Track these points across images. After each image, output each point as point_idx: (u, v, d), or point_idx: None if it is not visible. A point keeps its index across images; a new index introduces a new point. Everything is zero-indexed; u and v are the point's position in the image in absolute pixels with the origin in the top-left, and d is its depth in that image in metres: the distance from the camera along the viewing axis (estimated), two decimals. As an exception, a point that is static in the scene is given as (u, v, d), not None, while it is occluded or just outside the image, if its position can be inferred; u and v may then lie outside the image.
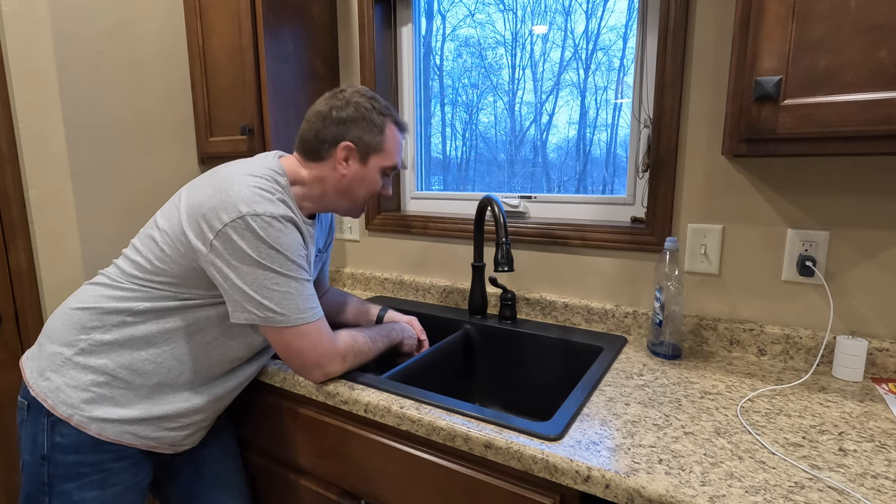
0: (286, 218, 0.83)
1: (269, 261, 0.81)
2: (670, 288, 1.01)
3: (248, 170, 0.87)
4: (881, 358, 0.94)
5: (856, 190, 0.94)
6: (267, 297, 0.82)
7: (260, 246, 0.80)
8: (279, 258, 0.82)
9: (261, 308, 0.82)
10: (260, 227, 0.80)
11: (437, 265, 1.48)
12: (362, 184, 0.96)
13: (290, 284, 0.83)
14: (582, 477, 0.67)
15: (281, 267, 0.82)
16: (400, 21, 1.54)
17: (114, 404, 0.86)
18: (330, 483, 0.98)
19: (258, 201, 0.81)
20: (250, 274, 0.81)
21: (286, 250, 0.82)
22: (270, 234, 0.81)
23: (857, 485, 0.63)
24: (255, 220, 0.80)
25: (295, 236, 0.85)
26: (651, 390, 0.89)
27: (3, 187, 1.30)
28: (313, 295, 0.88)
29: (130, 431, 0.87)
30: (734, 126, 0.80)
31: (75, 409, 0.84)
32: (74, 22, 1.30)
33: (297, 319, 0.84)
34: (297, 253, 0.85)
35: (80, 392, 0.84)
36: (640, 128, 1.19)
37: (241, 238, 0.79)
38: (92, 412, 0.84)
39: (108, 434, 0.85)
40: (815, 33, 0.70)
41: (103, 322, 0.86)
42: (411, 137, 1.59)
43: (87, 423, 0.84)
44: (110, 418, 0.85)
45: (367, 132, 0.94)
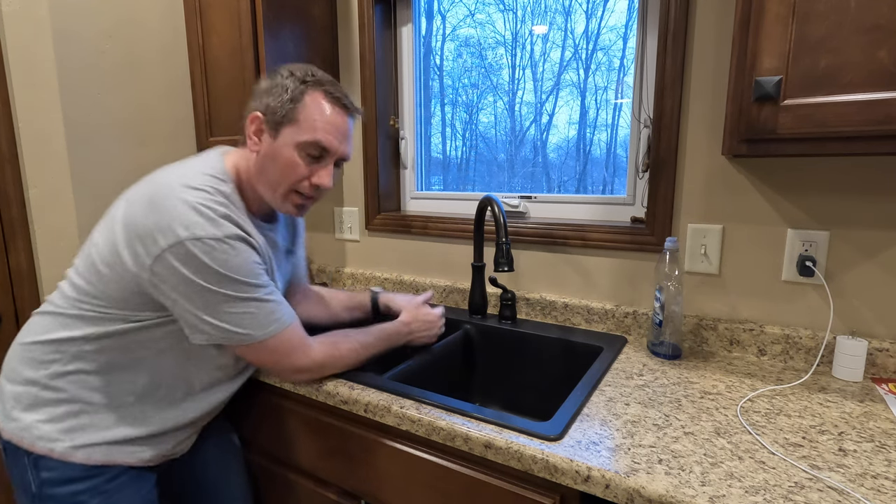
0: (233, 237, 0.75)
1: (219, 286, 0.74)
2: (670, 288, 1.01)
3: (186, 180, 0.77)
4: (881, 358, 0.94)
5: (856, 190, 0.94)
6: (224, 321, 0.76)
7: (206, 273, 0.73)
8: (230, 283, 0.74)
9: (219, 329, 0.77)
10: (203, 253, 0.72)
11: (437, 265, 1.48)
12: (275, 163, 0.82)
13: (247, 305, 0.77)
14: (582, 477, 0.67)
15: (235, 291, 0.75)
16: (400, 21, 1.54)
17: (95, 429, 0.81)
18: (330, 483, 0.98)
19: (198, 223, 0.72)
20: (201, 299, 0.74)
21: (237, 273, 0.75)
22: (217, 258, 0.73)
23: (857, 485, 0.63)
24: (197, 244, 0.71)
25: (247, 255, 0.77)
26: (651, 390, 0.89)
27: (3, 187, 1.30)
28: (279, 303, 0.81)
29: (119, 451, 0.83)
30: (734, 126, 0.80)
31: (55, 442, 0.79)
32: (74, 22, 1.30)
33: (263, 335, 0.79)
34: (252, 272, 0.77)
35: (56, 424, 0.79)
36: (640, 128, 1.19)
37: (183, 265, 0.72)
38: (74, 440, 0.79)
39: (97, 458, 0.81)
40: (815, 33, 0.70)
41: (61, 353, 0.80)
42: (411, 137, 1.59)
43: (72, 452, 0.79)
44: (95, 442, 0.81)
45: (277, 99, 0.81)
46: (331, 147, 0.83)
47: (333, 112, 0.83)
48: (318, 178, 0.84)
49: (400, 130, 1.59)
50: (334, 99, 0.83)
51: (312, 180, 0.84)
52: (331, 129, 0.82)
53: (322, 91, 0.82)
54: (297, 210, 0.87)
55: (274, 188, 0.83)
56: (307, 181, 0.84)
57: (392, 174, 1.60)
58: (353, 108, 0.87)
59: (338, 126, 0.83)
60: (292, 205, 0.86)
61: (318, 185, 0.84)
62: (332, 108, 0.83)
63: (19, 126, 1.29)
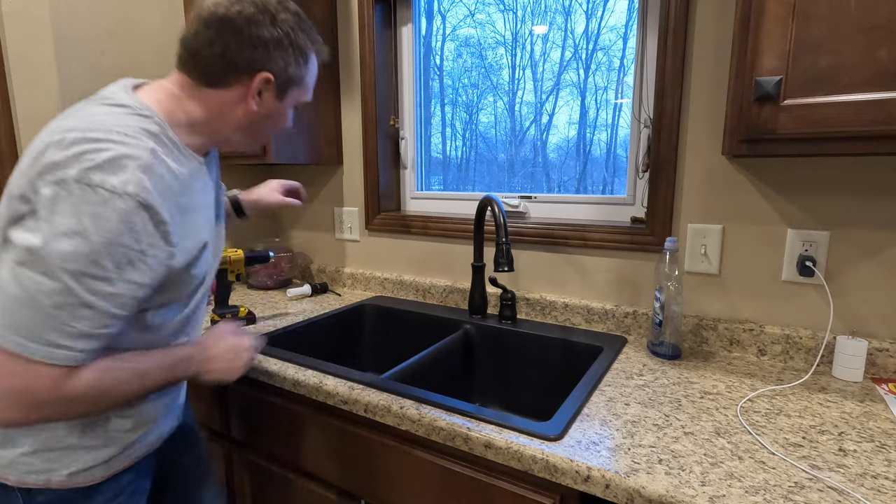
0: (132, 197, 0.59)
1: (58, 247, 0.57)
2: (670, 288, 1.01)
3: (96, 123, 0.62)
4: (881, 358, 0.94)
5: (856, 190, 0.94)
6: (16, 292, 0.59)
7: (62, 224, 0.58)
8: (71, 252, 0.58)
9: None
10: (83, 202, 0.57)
11: (437, 265, 1.48)
12: (272, 120, 0.79)
13: (53, 297, 0.59)
14: (582, 477, 0.67)
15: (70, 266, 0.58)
16: (400, 21, 1.54)
17: (86, 449, 0.72)
18: (330, 483, 0.98)
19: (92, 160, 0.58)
20: (26, 252, 0.59)
21: (102, 244, 0.59)
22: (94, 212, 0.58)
23: (857, 485, 0.63)
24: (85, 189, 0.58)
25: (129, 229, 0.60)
26: (651, 390, 0.89)
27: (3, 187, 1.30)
28: (80, 332, 0.60)
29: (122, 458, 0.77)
30: (734, 126, 0.80)
31: (49, 473, 0.70)
32: (75, 22, 1.30)
33: (20, 345, 0.58)
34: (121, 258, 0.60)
35: (43, 454, 0.70)
36: (640, 128, 1.19)
37: (52, 202, 0.58)
38: (71, 467, 0.71)
39: (99, 475, 0.74)
40: (816, 33, 0.70)
41: None
42: (411, 137, 1.59)
43: (73, 478, 0.72)
44: (97, 464, 0.73)
45: (294, 63, 0.75)
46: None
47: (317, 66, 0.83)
48: (289, 121, 0.83)
49: (400, 130, 1.59)
50: (322, 55, 0.82)
51: (285, 128, 0.85)
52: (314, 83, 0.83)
53: (317, 50, 0.80)
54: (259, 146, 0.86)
55: (258, 139, 0.81)
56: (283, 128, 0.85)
57: (392, 174, 1.60)
58: (325, 56, 0.86)
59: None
60: (259, 145, 0.87)
61: (288, 130, 0.86)
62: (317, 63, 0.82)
63: (19, 126, 1.29)
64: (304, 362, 1.01)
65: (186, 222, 0.69)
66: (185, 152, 0.71)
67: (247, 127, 0.77)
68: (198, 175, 0.74)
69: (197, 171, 0.74)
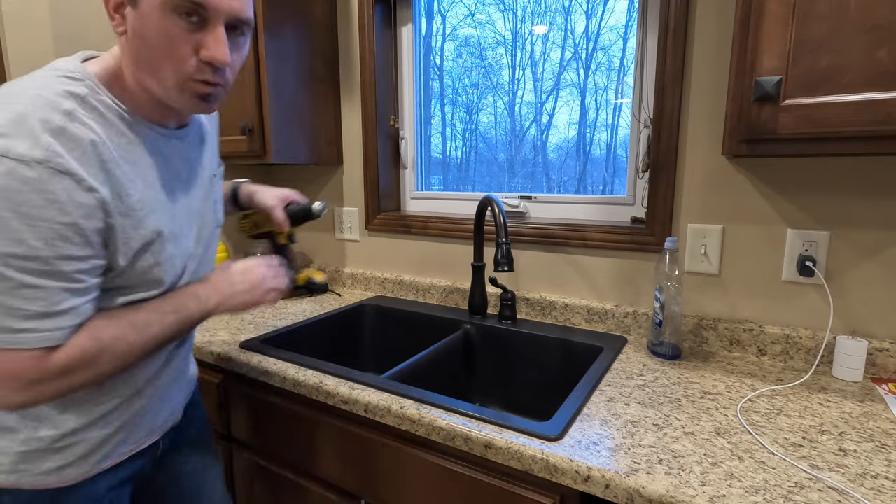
0: (51, 164, 0.54)
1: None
2: (670, 288, 1.01)
3: (12, 85, 0.58)
4: (881, 358, 0.94)
5: (856, 190, 0.94)
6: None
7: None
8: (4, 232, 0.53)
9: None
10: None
11: (437, 265, 1.48)
12: (146, 41, 0.60)
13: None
14: (582, 477, 0.67)
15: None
16: (400, 21, 1.54)
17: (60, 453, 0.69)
18: (330, 483, 0.98)
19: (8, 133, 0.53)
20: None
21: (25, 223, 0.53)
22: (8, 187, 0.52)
23: (857, 485, 0.63)
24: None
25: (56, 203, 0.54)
26: (651, 390, 0.89)
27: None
28: (29, 311, 0.56)
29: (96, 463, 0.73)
30: (734, 126, 0.80)
31: (21, 473, 0.67)
32: (74, 22, 1.30)
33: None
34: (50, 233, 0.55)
35: (14, 454, 0.67)
36: (640, 128, 1.19)
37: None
38: (42, 466, 0.68)
39: (71, 477, 0.70)
40: (816, 33, 0.70)
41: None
42: (411, 137, 1.59)
43: (44, 478, 0.68)
44: (69, 462, 0.70)
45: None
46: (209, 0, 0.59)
47: None
48: (207, 49, 0.60)
49: (400, 130, 1.59)
50: None
51: (201, 55, 0.60)
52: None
53: None
54: (202, 101, 0.64)
55: (159, 78, 0.61)
56: (195, 58, 0.61)
57: (392, 174, 1.60)
58: None
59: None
60: (192, 95, 0.63)
61: (210, 59, 0.60)
62: None
63: (19, 126, 1.29)
64: (304, 362, 1.01)
65: (129, 197, 0.61)
66: (130, 119, 0.63)
67: (138, 62, 0.62)
68: (155, 147, 0.66)
69: (152, 141, 0.66)
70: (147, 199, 0.65)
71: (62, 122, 0.55)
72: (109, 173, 0.59)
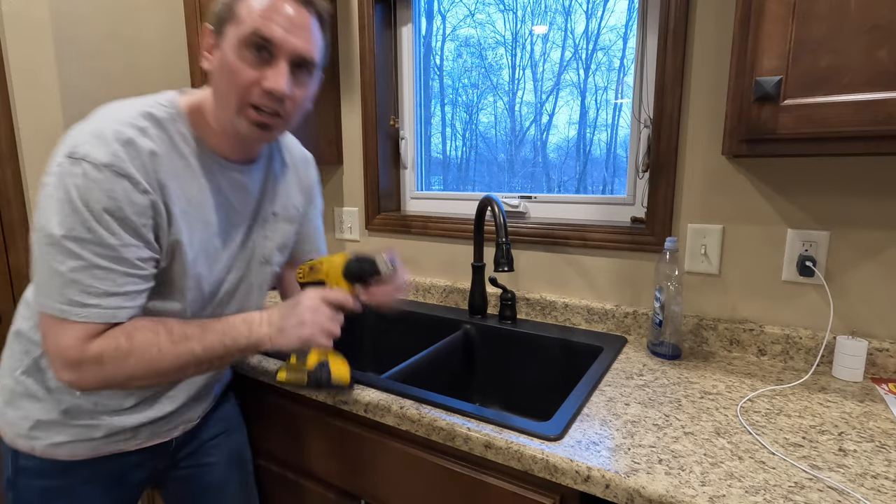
0: (111, 167, 0.63)
1: (61, 218, 0.63)
2: (670, 288, 1.01)
3: (121, 103, 0.70)
4: (881, 358, 0.94)
5: (856, 190, 0.94)
6: (39, 267, 0.64)
7: (62, 199, 0.63)
8: (74, 219, 0.62)
9: (34, 281, 0.66)
10: (71, 175, 0.62)
11: (437, 265, 1.48)
12: (222, 72, 0.69)
13: (70, 258, 0.63)
14: (582, 477, 0.67)
15: (71, 233, 0.62)
16: (400, 21, 1.54)
17: (75, 429, 0.77)
18: (330, 483, 0.98)
19: (88, 140, 0.63)
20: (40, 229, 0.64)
21: (91, 209, 0.63)
22: (79, 185, 0.62)
23: (857, 485, 0.63)
24: (76, 164, 0.63)
25: (115, 195, 0.63)
26: (651, 390, 0.89)
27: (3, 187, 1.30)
28: (97, 289, 0.64)
29: (108, 444, 0.80)
30: (734, 126, 0.80)
31: (35, 440, 0.77)
32: (75, 23, 1.30)
33: (54, 309, 0.64)
34: (113, 221, 0.64)
35: (33, 421, 0.77)
36: (640, 128, 1.19)
37: (55, 181, 0.64)
38: (54, 438, 0.77)
39: (80, 452, 0.79)
40: (816, 33, 0.70)
41: (33, 345, 0.77)
42: (411, 137, 1.59)
43: (54, 450, 0.77)
44: (79, 439, 0.78)
45: (219, 2, 0.70)
46: (274, 36, 0.66)
47: (281, 1, 0.68)
48: (267, 80, 0.67)
49: (400, 130, 1.59)
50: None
51: (263, 84, 0.68)
52: (274, 16, 0.67)
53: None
54: (257, 128, 0.70)
55: (226, 104, 0.69)
56: (257, 87, 0.68)
57: (392, 174, 1.60)
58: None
59: (285, 14, 0.67)
60: (248, 121, 0.70)
61: (270, 89, 0.67)
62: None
63: (19, 126, 1.29)
64: (304, 362, 1.01)
65: (172, 206, 0.69)
66: (195, 146, 0.73)
67: (216, 94, 0.71)
68: (210, 174, 0.74)
69: (209, 168, 0.74)
70: (186, 215, 0.72)
71: (132, 134, 0.65)
72: (161, 183, 0.68)
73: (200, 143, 0.73)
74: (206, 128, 0.74)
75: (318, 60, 0.73)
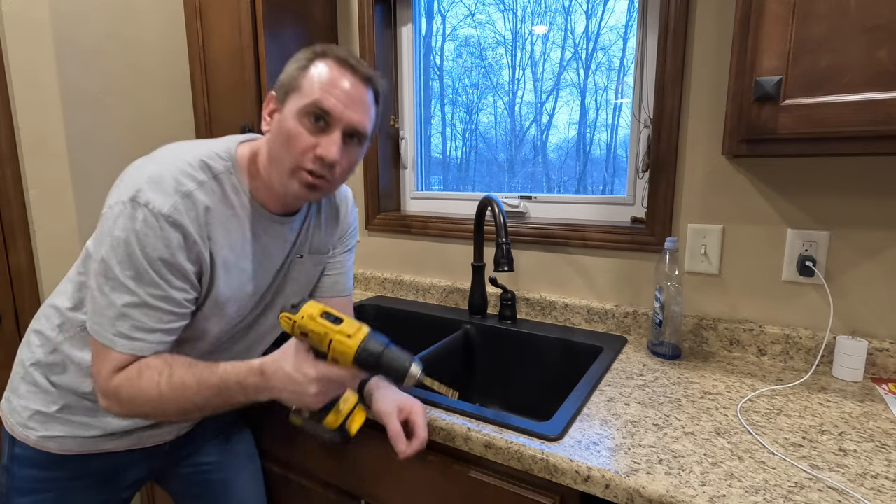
0: (169, 219, 0.68)
1: (116, 258, 0.67)
2: (670, 288, 1.01)
3: (182, 148, 0.75)
4: (881, 358, 0.94)
5: (856, 190, 0.94)
6: (94, 295, 0.69)
7: (120, 240, 0.67)
8: (130, 261, 0.67)
9: (90, 303, 0.71)
10: (131, 218, 0.67)
11: (437, 265, 1.48)
12: (279, 136, 0.73)
13: (125, 293, 0.68)
14: (582, 477, 0.67)
15: (126, 270, 0.67)
16: (400, 21, 1.54)
17: (69, 425, 0.81)
18: (330, 483, 0.98)
19: (150, 188, 0.68)
20: (101, 264, 0.69)
21: (144, 254, 0.67)
22: (138, 229, 0.67)
23: (857, 485, 0.63)
24: (138, 208, 0.67)
25: (166, 243, 0.68)
26: (651, 390, 0.89)
27: (3, 187, 1.30)
28: (145, 325, 0.69)
29: (97, 444, 0.83)
30: (734, 126, 0.80)
31: (30, 430, 0.81)
32: (74, 22, 1.30)
33: (104, 338, 0.69)
34: (161, 265, 0.68)
35: (32, 412, 0.81)
36: (640, 128, 1.19)
37: (114, 221, 0.68)
38: (47, 431, 0.80)
39: (70, 447, 0.81)
40: (816, 33, 0.70)
41: (44, 341, 0.81)
42: (411, 137, 1.59)
43: (46, 442, 0.80)
44: (72, 436, 0.81)
45: (286, 73, 0.75)
46: (333, 109, 0.71)
47: (341, 75, 0.73)
48: (321, 148, 0.72)
49: (400, 130, 1.59)
50: (341, 61, 0.74)
51: (316, 151, 0.72)
52: (333, 91, 0.72)
53: (333, 57, 0.74)
54: (305, 188, 0.74)
55: (280, 165, 0.74)
56: (311, 153, 0.72)
57: (392, 174, 1.60)
58: (366, 71, 0.75)
59: (344, 89, 0.72)
60: (299, 182, 0.74)
61: (322, 156, 0.72)
62: (340, 72, 0.73)
63: (19, 126, 1.28)
64: (304, 362, 1.01)
65: (216, 255, 0.74)
66: (245, 198, 0.77)
67: (270, 154, 0.75)
68: (255, 225, 0.79)
69: (254, 219, 0.78)
70: (227, 263, 0.76)
71: (191, 188, 0.70)
72: (210, 235, 0.73)
73: (249, 196, 0.78)
74: (256, 181, 0.78)
75: (369, 132, 0.78)
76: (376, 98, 0.78)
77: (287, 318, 0.67)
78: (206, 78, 1.48)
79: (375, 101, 0.78)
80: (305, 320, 0.66)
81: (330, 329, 0.65)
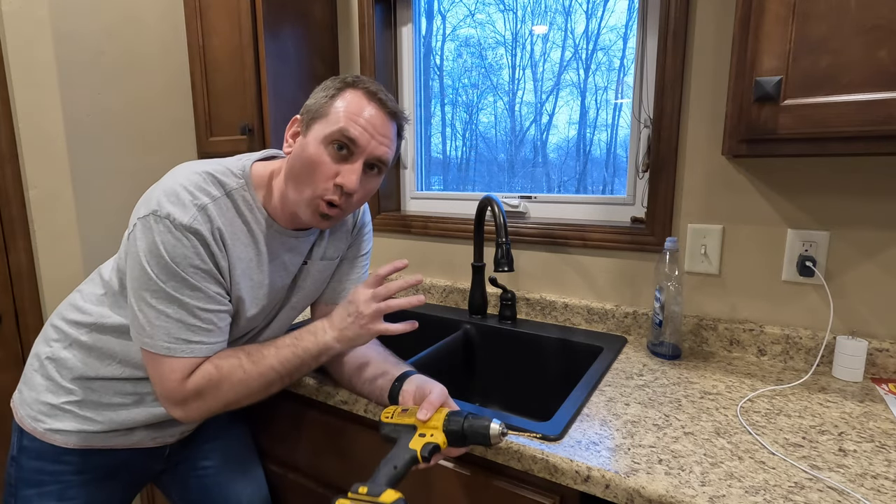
0: (189, 229, 0.70)
1: (156, 271, 0.70)
2: (670, 288, 1.01)
3: (198, 164, 0.77)
4: (881, 358, 0.94)
5: (856, 190, 0.94)
6: (141, 310, 0.71)
7: (152, 254, 0.69)
8: (169, 273, 0.70)
9: (134, 318, 0.72)
10: (158, 232, 0.69)
11: (437, 265, 1.48)
12: (301, 160, 0.74)
13: (170, 304, 0.70)
14: (582, 477, 0.67)
15: (167, 280, 0.70)
16: (400, 21, 1.54)
17: (76, 419, 0.83)
18: (329, 483, 0.98)
19: (170, 201, 0.70)
20: (138, 280, 0.71)
21: (179, 265, 0.70)
22: (167, 241, 0.69)
23: (856, 485, 0.63)
24: (160, 221, 0.69)
25: (192, 252, 0.71)
26: (651, 390, 0.89)
27: (3, 187, 1.30)
28: (199, 326, 0.72)
29: (101, 439, 0.84)
30: (734, 126, 0.80)
31: (38, 422, 0.83)
32: (74, 21, 1.30)
33: (161, 348, 0.71)
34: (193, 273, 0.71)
35: (40, 405, 0.83)
36: (640, 128, 1.19)
37: (142, 237, 0.70)
38: (54, 424, 0.82)
39: (74, 441, 0.83)
40: (816, 33, 0.70)
41: (61, 335, 0.84)
42: (411, 137, 1.59)
43: (52, 435, 0.83)
44: (77, 430, 0.83)
45: (314, 98, 0.77)
46: (359, 138, 0.73)
47: (368, 106, 0.75)
48: (341, 176, 0.73)
49: (400, 130, 1.59)
50: (370, 94, 0.76)
51: (337, 179, 0.74)
52: (359, 120, 0.74)
53: (362, 88, 0.76)
54: (320, 219, 0.77)
55: (300, 190, 0.75)
56: (331, 182, 0.74)
57: (392, 174, 1.60)
58: (393, 106, 0.78)
59: (369, 119, 0.74)
60: (316, 211, 0.75)
61: (342, 184, 0.73)
62: (368, 103, 0.75)
63: (19, 126, 1.28)
64: (304, 362, 1.01)
65: (233, 269, 0.77)
66: (258, 214, 0.79)
67: (289, 176, 0.77)
68: (269, 239, 0.80)
69: (267, 234, 0.80)
70: (244, 275, 0.78)
71: (205, 202, 0.72)
72: (227, 247, 0.75)
73: (262, 212, 0.80)
74: (269, 197, 0.80)
75: (390, 162, 0.81)
76: (399, 132, 0.82)
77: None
78: (206, 78, 1.48)
79: (398, 135, 0.82)
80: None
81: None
